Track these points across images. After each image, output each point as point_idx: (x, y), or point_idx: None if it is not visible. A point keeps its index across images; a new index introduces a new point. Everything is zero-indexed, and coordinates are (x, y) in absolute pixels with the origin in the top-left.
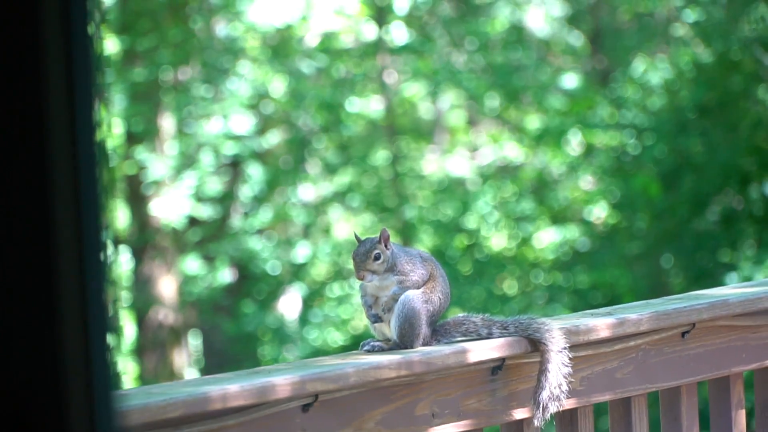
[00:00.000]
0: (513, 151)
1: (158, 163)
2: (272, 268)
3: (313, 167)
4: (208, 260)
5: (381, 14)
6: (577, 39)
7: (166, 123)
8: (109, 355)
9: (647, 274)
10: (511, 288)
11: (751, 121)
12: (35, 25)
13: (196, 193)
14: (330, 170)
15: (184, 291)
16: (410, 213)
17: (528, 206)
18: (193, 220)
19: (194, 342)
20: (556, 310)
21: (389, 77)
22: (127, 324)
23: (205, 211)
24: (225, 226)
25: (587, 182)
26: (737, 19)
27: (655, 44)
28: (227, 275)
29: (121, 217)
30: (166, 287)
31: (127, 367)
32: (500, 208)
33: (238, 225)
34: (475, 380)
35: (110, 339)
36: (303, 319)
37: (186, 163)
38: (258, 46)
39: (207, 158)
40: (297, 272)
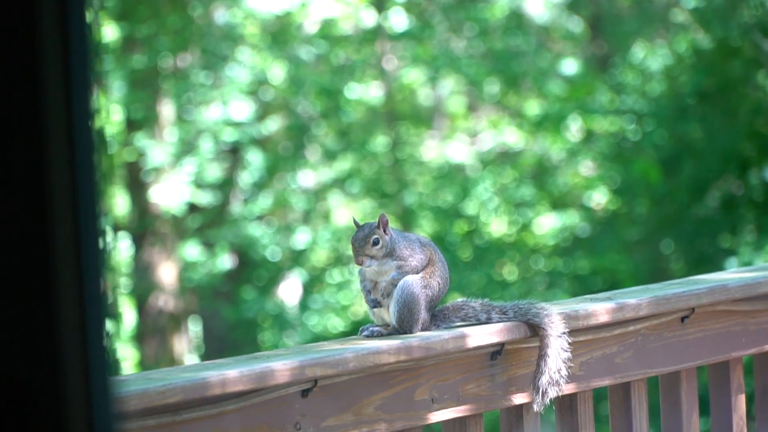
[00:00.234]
0: (513, 137)
1: (158, 150)
2: (272, 254)
3: (313, 153)
4: (208, 246)
5: (380, 0)
6: (576, 25)
7: (166, 110)
8: (107, 342)
9: (647, 259)
10: (511, 274)
11: (751, 107)
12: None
13: (196, 180)
14: (329, 156)
15: (184, 277)
16: (410, 199)
17: (528, 192)
18: (192, 207)
19: (194, 328)
20: (556, 295)
21: (389, 63)
22: (127, 310)
23: (204, 198)
24: (225, 212)
25: (587, 168)
26: (736, 5)
27: (654, 30)
28: (227, 261)
29: (120, 203)
30: (166, 274)
31: (127, 353)
32: (500, 194)
33: (238, 211)
34: (474, 365)
35: (108, 325)
36: (303, 305)
37: (185, 149)
38: (257, 33)
39: (206, 145)
40: (297, 258)
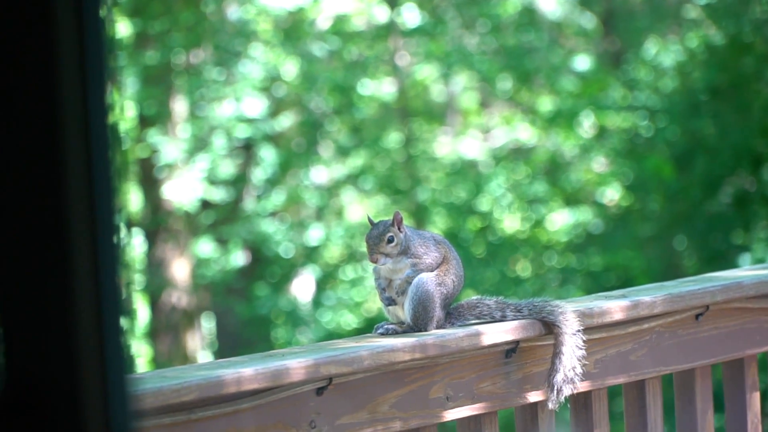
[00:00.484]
0: (525, 133)
1: (170, 146)
2: (285, 250)
3: (326, 150)
4: (221, 243)
5: None
6: (589, 21)
7: (179, 106)
8: (123, 339)
9: (660, 255)
10: (525, 270)
11: (764, 103)
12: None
13: (209, 176)
14: (342, 153)
15: (197, 274)
16: (423, 195)
17: (541, 188)
18: (205, 203)
19: (207, 325)
20: (569, 292)
21: (401, 59)
22: (141, 307)
23: (217, 194)
24: (238, 209)
25: (600, 164)
26: (749, 1)
27: (667, 26)
28: (240, 258)
29: (133, 200)
30: (179, 270)
31: (140, 350)
32: (513, 190)
33: (251, 208)
34: (489, 363)
35: (124, 322)
36: (316, 302)
37: (198, 146)
38: (270, 29)
39: (219, 141)
40: (310, 255)
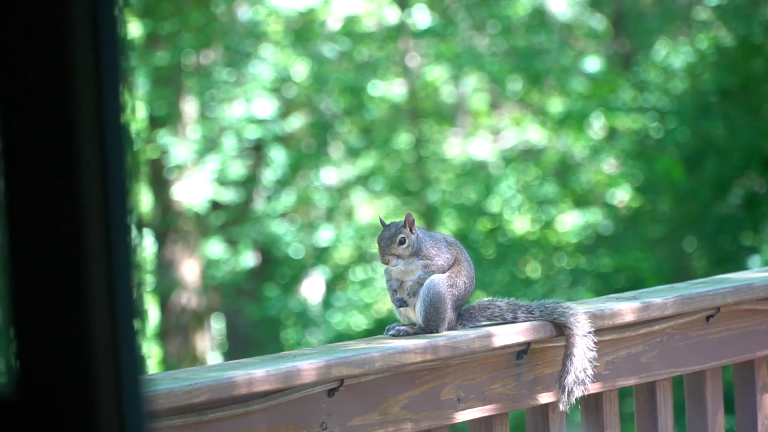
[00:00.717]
0: (535, 135)
1: (181, 147)
2: (295, 251)
3: (336, 151)
4: (231, 244)
5: None
6: (599, 22)
7: (189, 107)
8: (136, 339)
9: (670, 257)
10: (535, 271)
11: None
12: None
13: (219, 177)
14: (353, 154)
15: (207, 275)
16: (433, 196)
17: (551, 189)
18: (215, 204)
19: (217, 326)
20: (579, 293)
21: (412, 61)
22: (150, 308)
23: (227, 195)
24: (248, 209)
25: (610, 165)
26: (759, 2)
27: (677, 27)
28: (250, 259)
29: (144, 201)
30: (188, 271)
31: (150, 351)
32: (523, 192)
33: (261, 209)
34: (500, 364)
35: (137, 323)
36: (326, 303)
37: (208, 147)
38: (280, 30)
39: (229, 142)
40: (320, 256)
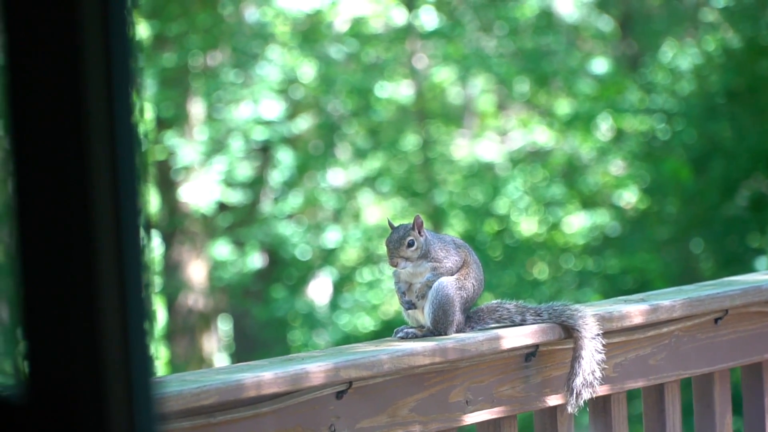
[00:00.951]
0: (543, 136)
1: (188, 149)
2: (302, 253)
3: (343, 152)
4: (238, 245)
5: None
6: (606, 24)
7: (196, 108)
8: (147, 341)
9: (677, 258)
10: (542, 273)
11: None
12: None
13: (226, 179)
14: (360, 155)
15: (214, 276)
16: (440, 198)
17: (558, 191)
18: (222, 206)
19: (224, 327)
20: (586, 294)
21: (419, 62)
22: (158, 309)
23: (234, 197)
24: (255, 211)
25: (617, 167)
26: (766, 4)
27: (684, 29)
28: (257, 260)
29: (151, 202)
30: (195, 272)
31: (158, 352)
32: (530, 193)
33: (268, 210)
34: (508, 367)
35: (147, 324)
36: (333, 305)
37: (216, 148)
38: (288, 31)
39: (237, 143)
40: (327, 257)
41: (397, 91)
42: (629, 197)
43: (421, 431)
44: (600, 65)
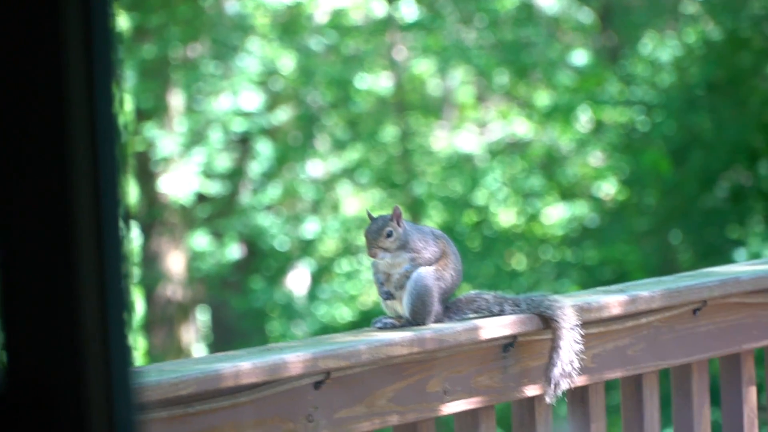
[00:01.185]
0: (522, 128)
1: (167, 140)
2: (281, 244)
3: (322, 143)
4: (217, 236)
5: None
6: (586, 16)
7: (175, 100)
8: (125, 331)
9: (656, 250)
10: (520, 264)
11: (761, 98)
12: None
13: (205, 170)
14: (339, 146)
15: (193, 267)
16: (419, 189)
17: (537, 182)
18: (201, 197)
19: (202, 318)
20: (564, 285)
21: (398, 54)
22: (137, 300)
23: (213, 188)
24: (234, 202)
25: (596, 158)
26: None
27: (664, 21)
28: (236, 251)
29: (130, 193)
30: (174, 263)
31: (137, 343)
32: (509, 184)
33: (247, 201)
34: (486, 357)
35: (126, 315)
36: (311, 295)
37: (195, 139)
38: (267, 23)
39: (216, 135)
40: (305, 248)
41: (376, 82)
42: (608, 189)
43: (399, 421)
44: (580, 57)
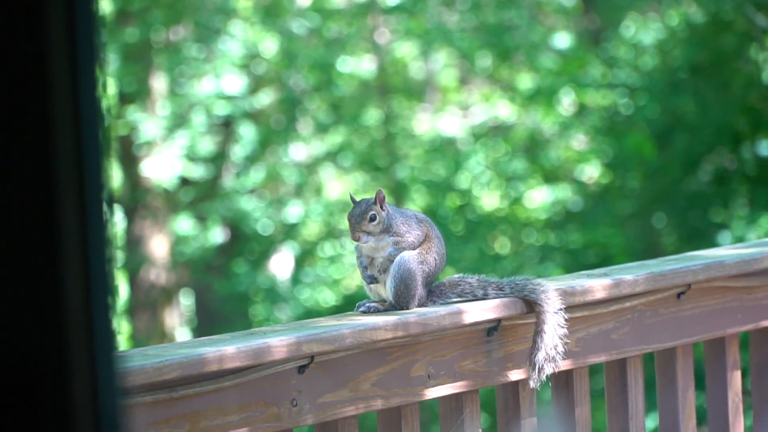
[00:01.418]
0: (505, 111)
1: (150, 124)
2: (264, 227)
3: (305, 127)
4: (200, 220)
5: None
6: None
7: (158, 83)
8: (109, 315)
9: (640, 233)
10: (504, 247)
11: (744, 81)
12: None
13: (188, 154)
14: (322, 130)
15: (176, 251)
16: (402, 172)
17: (520, 166)
18: (184, 180)
19: (186, 302)
20: (548, 269)
21: (381, 37)
22: (120, 284)
23: (196, 171)
24: (217, 186)
25: (579, 142)
26: None
27: (647, 3)
28: (219, 235)
29: (114, 177)
30: (157, 247)
31: (120, 327)
32: (492, 168)
33: (230, 185)
34: (470, 341)
35: (110, 299)
36: (295, 279)
37: (178, 123)
38: (250, 6)
39: (199, 118)
40: (289, 232)
41: (359, 65)
42: (591, 172)
43: (383, 405)
44: (562, 40)
